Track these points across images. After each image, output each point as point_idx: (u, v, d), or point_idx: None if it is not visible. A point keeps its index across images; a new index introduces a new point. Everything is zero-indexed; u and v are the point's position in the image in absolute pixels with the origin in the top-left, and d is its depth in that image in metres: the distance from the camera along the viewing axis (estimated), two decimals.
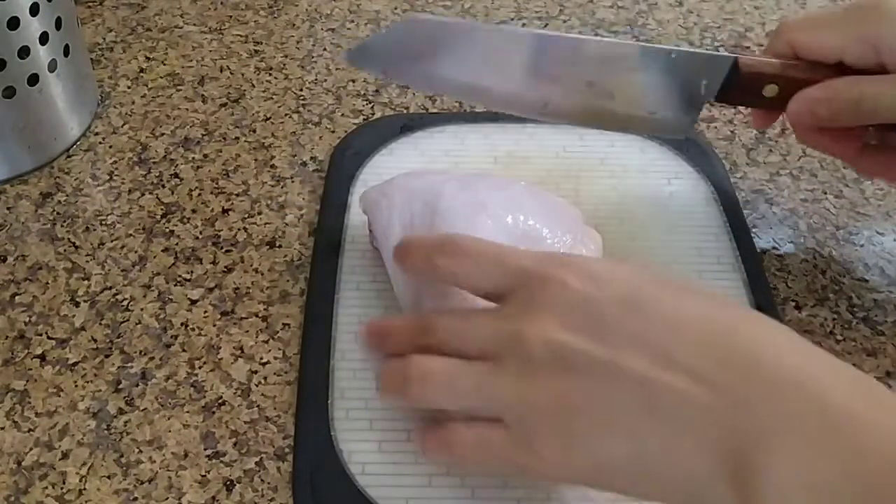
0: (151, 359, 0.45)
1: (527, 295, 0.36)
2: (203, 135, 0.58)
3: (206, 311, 0.47)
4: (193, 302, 0.48)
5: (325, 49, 0.65)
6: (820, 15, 0.46)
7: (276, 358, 0.45)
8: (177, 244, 0.51)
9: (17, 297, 0.48)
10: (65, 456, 0.41)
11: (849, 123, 0.44)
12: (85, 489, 0.40)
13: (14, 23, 0.49)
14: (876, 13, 0.42)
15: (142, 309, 0.47)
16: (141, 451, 0.42)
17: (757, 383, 0.31)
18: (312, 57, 0.64)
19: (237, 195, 0.54)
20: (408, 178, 0.46)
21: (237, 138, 0.58)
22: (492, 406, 0.35)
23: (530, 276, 0.36)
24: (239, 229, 0.52)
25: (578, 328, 0.34)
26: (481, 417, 0.36)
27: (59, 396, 0.44)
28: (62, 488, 0.40)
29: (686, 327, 0.33)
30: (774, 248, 0.52)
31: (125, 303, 0.48)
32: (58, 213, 0.53)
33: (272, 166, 0.56)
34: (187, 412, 0.43)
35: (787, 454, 0.29)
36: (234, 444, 0.42)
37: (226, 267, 0.50)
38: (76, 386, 0.44)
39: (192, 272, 0.49)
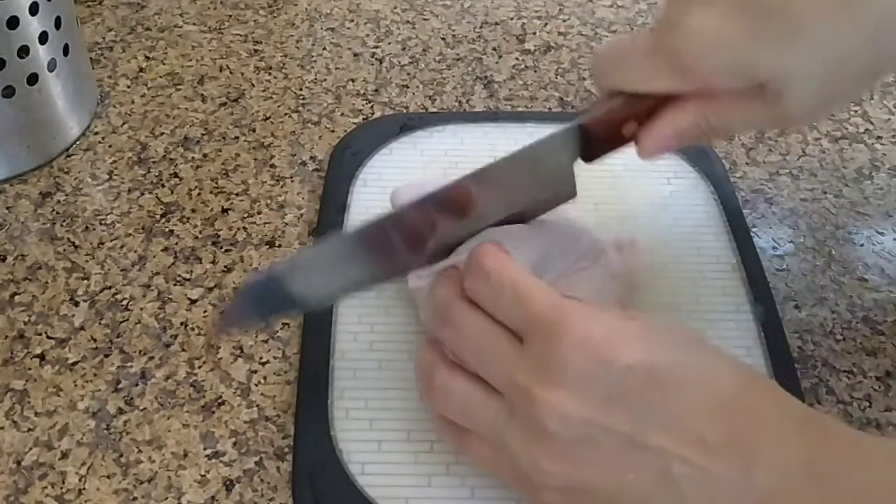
0: (151, 358, 0.45)
1: (542, 352, 0.34)
2: (203, 134, 0.58)
3: (205, 311, 0.47)
4: (193, 301, 0.48)
5: (324, 49, 0.65)
6: (624, 58, 0.40)
7: (275, 358, 0.45)
8: (176, 244, 0.51)
9: (16, 297, 0.48)
10: (64, 456, 0.41)
11: (699, 140, 0.42)
12: (84, 489, 0.40)
13: (13, 22, 0.49)
14: (685, 45, 0.38)
15: (141, 308, 0.47)
16: (140, 451, 0.42)
17: (764, 458, 0.32)
18: (312, 56, 0.64)
19: (237, 195, 0.54)
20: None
21: (237, 138, 0.58)
22: (502, 447, 0.35)
23: (544, 329, 0.34)
24: (238, 229, 0.52)
25: (589, 397, 0.33)
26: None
27: (59, 396, 0.44)
28: (62, 488, 0.40)
29: (701, 397, 0.33)
30: (774, 247, 0.51)
31: (125, 302, 0.48)
32: (57, 213, 0.52)
33: (272, 166, 0.56)
34: (187, 412, 0.43)
35: None
36: (234, 443, 0.42)
37: (225, 267, 0.50)
38: (76, 386, 0.44)
39: (191, 272, 0.49)
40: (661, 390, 0.33)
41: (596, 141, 0.41)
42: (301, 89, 0.61)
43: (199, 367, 0.45)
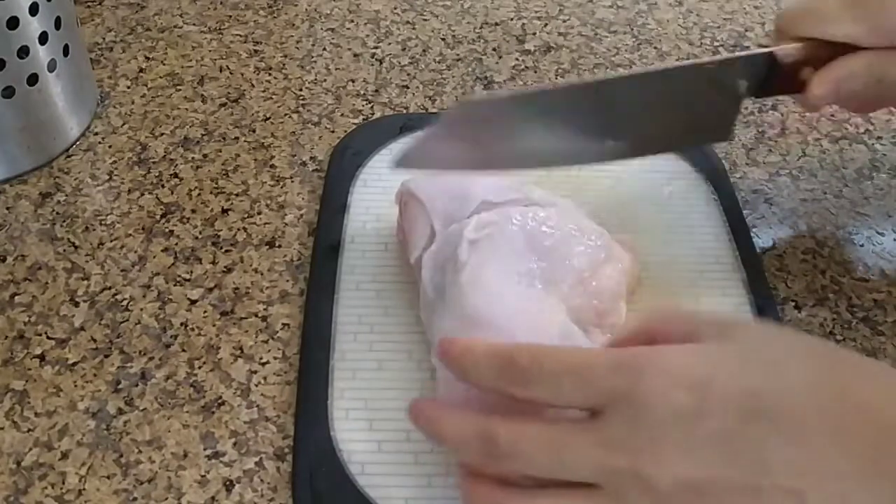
0: (151, 359, 0.45)
1: (628, 418, 0.31)
2: (203, 135, 0.58)
3: (205, 311, 0.47)
4: (193, 302, 0.48)
5: (324, 49, 0.65)
6: (819, 7, 0.44)
7: (275, 358, 0.45)
8: (176, 244, 0.51)
9: (16, 297, 0.48)
10: (64, 456, 0.41)
11: (867, 97, 0.45)
12: (84, 489, 0.40)
13: (13, 22, 0.49)
14: (877, 2, 0.43)
15: (141, 309, 0.47)
16: (140, 452, 0.42)
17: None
18: (312, 57, 0.64)
19: (237, 195, 0.54)
20: (449, 185, 0.45)
21: (237, 138, 0.58)
22: None
23: (619, 393, 0.32)
24: (238, 229, 0.52)
25: (701, 453, 0.30)
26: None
27: (59, 396, 0.44)
28: (62, 488, 0.40)
29: (822, 423, 0.30)
30: (774, 248, 0.52)
31: (125, 303, 0.48)
32: (57, 213, 0.52)
33: (272, 166, 0.56)
34: (187, 412, 0.43)
35: None
36: (234, 444, 0.42)
37: (225, 267, 0.50)
38: (75, 386, 0.44)
39: (191, 272, 0.49)
40: (773, 422, 0.30)
41: (776, 75, 0.44)
42: (301, 90, 0.61)
43: (199, 368, 0.45)
